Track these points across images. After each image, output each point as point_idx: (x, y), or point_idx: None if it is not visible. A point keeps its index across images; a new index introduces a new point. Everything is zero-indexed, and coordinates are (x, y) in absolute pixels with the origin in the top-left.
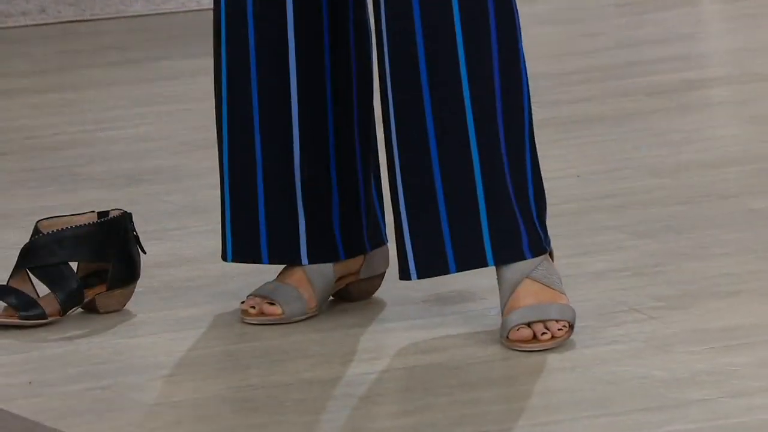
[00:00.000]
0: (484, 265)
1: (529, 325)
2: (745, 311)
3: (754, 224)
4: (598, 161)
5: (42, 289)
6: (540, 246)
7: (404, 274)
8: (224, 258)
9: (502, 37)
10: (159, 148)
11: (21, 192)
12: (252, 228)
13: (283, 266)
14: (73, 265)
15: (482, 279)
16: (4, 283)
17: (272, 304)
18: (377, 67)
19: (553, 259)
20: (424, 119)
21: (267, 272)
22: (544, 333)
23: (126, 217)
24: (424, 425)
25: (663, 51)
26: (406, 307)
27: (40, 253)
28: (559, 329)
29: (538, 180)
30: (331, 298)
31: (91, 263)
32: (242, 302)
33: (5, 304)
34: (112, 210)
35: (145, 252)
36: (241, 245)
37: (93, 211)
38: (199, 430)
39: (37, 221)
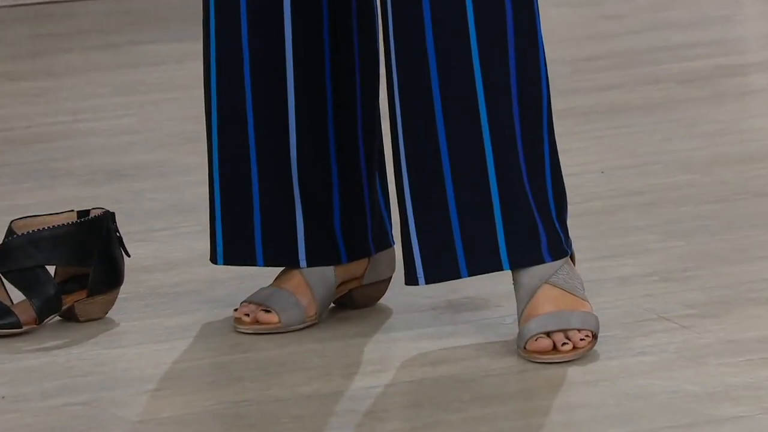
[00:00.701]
0: (499, 269)
1: (548, 334)
2: None
3: None
4: (624, 155)
5: (16, 295)
6: (560, 248)
7: (411, 279)
8: (214, 261)
9: (519, 20)
10: (143, 141)
11: None
12: (245, 228)
13: (280, 270)
14: (51, 269)
15: (497, 284)
16: None
17: (268, 311)
18: (382, 50)
19: (574, 263)
20: (433, 109)
21: (262, 276)
22: (564, 343)
23: (108, 217)
24: None
25: (695, 35)
26: (414, 314)
27: (15, 255)
28: (581, 339)
29: (558, 176)
30: (332, 305)
31: (70, 267)
32: (235, 309)
33: None
34: (93, 209)
35: (129, 255)
36: (233, 247)
37: (72, 210)
38: None
39: (11, 221)
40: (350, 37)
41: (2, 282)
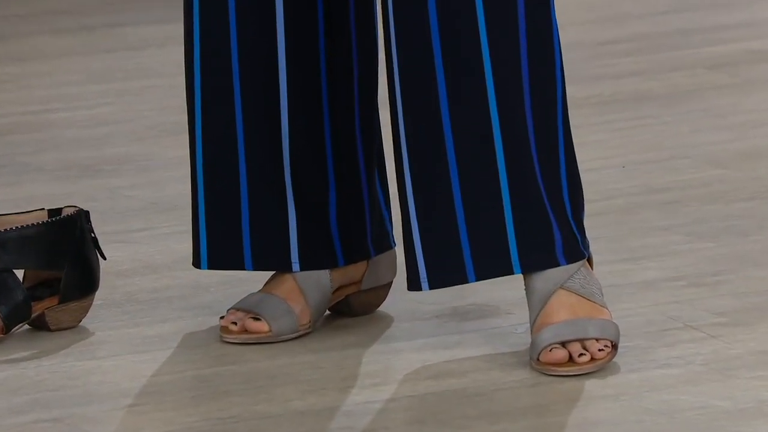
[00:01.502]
0: (510, 272)
1: (563, 344)
2: None
3: None
4: (647, 148)
5: None
6: (576, 250)
7: (414, 284)
8: (197, 265)
9: (531, 1)
10: (121, 133)
11: None
12: (232, 228)
13: (271, 274)
14: (19, 273)
15: (507, 290)
16: None
17: (257, 319)
18: (382, 31)
19: (592, 267)
20: (437, 99)
21: (251, 281)
22: (581, 354)
23: (82, 216)
24: None
25: (725, 16)
26: (417, 323)
27: None
28: (599, 350)
29: (574, 172)
30: (328, 312)
31: (40, 271)
32: (221, 317)
33: None
34: (66, 207)
35: (104, 257)
36: (218, 249)
37: (42, 209)
38: None
39: None
40: (347, 28)
41: None
